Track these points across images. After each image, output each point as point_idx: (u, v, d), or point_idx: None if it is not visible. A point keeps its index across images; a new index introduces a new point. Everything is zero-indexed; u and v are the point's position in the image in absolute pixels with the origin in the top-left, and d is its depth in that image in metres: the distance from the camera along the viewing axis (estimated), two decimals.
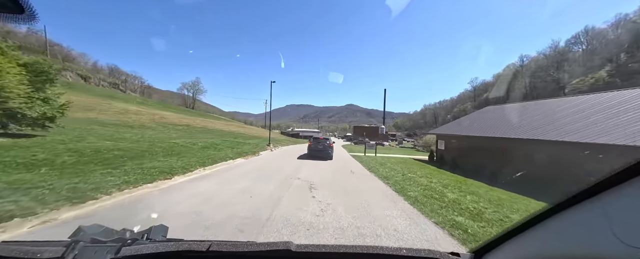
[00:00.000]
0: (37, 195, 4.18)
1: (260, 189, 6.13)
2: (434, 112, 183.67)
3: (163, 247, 0.82)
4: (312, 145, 15.44)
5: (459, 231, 4.12)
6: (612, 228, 0.53)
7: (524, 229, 0.80)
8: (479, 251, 0.98)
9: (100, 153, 8.44)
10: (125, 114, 27.14)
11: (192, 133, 24.33)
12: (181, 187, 6.03)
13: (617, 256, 0.52)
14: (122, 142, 11.46)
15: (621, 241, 0.51)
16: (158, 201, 4.83)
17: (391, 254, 0.88)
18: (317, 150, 15.08)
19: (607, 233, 0.54)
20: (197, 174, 7.74)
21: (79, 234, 0.86)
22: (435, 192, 6.88)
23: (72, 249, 0.75)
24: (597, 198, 0.57)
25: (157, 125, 25.80)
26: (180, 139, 17.03)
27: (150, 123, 25.94)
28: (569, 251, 0.63)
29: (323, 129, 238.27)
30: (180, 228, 3.51)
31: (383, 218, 4.57)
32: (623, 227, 0.52)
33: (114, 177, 5.91)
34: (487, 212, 5.43)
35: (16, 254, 0.75)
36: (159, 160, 8.88)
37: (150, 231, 0.99)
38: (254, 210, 4.51)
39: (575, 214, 0.64)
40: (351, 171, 10.72)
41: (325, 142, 15.41)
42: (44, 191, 4.40)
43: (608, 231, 0.54)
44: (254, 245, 0.87)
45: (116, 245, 0.80)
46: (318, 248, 0.89)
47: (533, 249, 0.76)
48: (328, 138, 16.37)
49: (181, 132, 24.02)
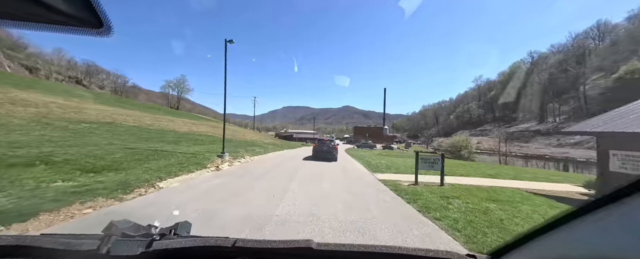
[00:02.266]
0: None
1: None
2: (435, 112, 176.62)
3: (191, 242, 0.85)
4: (317, 147, 15.97)
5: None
6: (638, 230, 0.54)
7: (543, 232, 0.77)
8: (496, 253, 0.96)
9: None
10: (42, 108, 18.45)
11: (119, 135, 15.64)
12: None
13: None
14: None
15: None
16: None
17: (409, 254, 0.89)
18: (322, 151, 15.53)
19: (633, 236, 0.54)
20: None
21: (112, 229, 0.88)
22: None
23: (107, 243, 0.79)
24: (622, 201, 0.57)
25: (68, 123, 17.06)
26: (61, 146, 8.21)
27: (64, 122, 17.23)
28: (595, 254, 0.62)
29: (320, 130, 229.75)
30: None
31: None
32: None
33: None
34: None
35: (56, 246, 0.79)
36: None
37: (177, 227, 1.02)
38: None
39: (600, 218, 0.62)
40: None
41: (329, 144, 15.98)
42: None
43: (634, 233, 0.54)
44: (276, 242, 0.88)
45: (147, 239, 0.84)
46: (338, 246, 0.91)
47: (556, 252, 0.75)
48: (332, 140, 17.06)
49: (105, 133, 15.37)
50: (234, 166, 10.59)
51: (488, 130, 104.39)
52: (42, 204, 4.09)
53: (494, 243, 3.55)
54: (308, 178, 8.40)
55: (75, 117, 18.34)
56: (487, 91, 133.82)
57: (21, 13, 0.59)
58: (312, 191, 6.49)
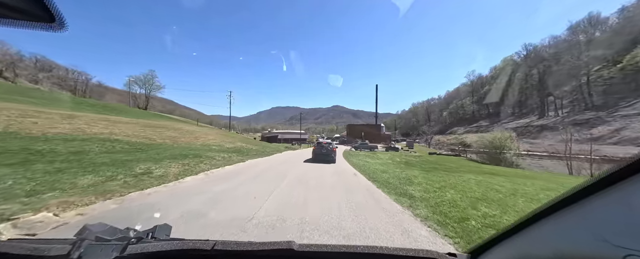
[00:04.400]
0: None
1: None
2: (427, 109, 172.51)
3: (168, 246, 0.82)
4: (316, 149, 16.40)
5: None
6: (600, 228, 0.57)
7: (518, 231, 0.81)
8: (475, 251, 0.99)
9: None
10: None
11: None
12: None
13: (602, 255, 0.55)
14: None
15: (605, 240, 0.54)
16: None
17: (390, 254, 0.89)
18: (322, 154, 15.87)
19: (595, 233, 0.57)
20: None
21: (85, 233, 0.85)
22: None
23: (78, 247, 0.75)
24: (587, 200, 0.60)
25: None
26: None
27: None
28: (559, 251, 0.66)
29: (310, 130, 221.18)
30: None
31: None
32: (609, 227, 0.55)
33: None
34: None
35: (24, 251, 0.75)
36: None
37: (155, 230, 0.98)
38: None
39: (566, 216, 0.66)
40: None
41: (328, 147, 16.36)
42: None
43: (596, 231, 0.57)
44: (257, 244, 0.87)
45: (122, 243, 0.80)
46: (320, 247, 0.89)
47: (525, 250, 0.79)
48: (331, 143, 17.42)
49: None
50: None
51: (484, 126, 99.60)
52: None
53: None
54: None
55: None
56: (479, 87, 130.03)
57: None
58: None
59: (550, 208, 0.67)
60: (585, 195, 0.58)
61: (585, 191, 0.58)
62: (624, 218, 0.52)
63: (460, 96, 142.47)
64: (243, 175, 8.84)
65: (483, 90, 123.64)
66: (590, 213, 0.58)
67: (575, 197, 0.60)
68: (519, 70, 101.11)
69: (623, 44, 70.04)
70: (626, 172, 0.51)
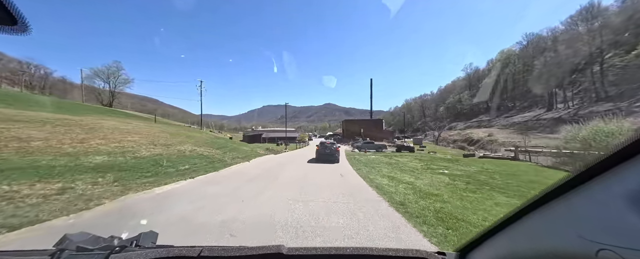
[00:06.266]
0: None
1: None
2: (422, 105, 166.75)
3: (152, 254, 0.80)
4: (320, 150, 16.21)
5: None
6: (576, 224, 0.58)
7: (503, 228, 0.82)
8: (464, 249, 0.98)
9: None
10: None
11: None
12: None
13: (577, 250, 0.57)
14: None
15: (580, 236, 0.56)
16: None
17: (380, 254, 0.88)
18: (325, 154, 15.79)
19: (571, 229, 0.59)
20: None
21: (65, 243, 0.81)
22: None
23: (58, 258, 0.72)
24: (565, 196, 0.61)
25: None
26: None
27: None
28: (538, 247, 0.67)
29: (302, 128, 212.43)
30: None
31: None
32: (584, 223, 0.57)
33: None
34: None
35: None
36: None
37: (139, 238, 0.95)
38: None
39: (544, 213, 0.67)
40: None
41: (332, 146, 16.43)
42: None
43: (571, 227, 0.59)
44: (245, 249, 0.86)
45: (104, 253, 0.77)
46: (308, 250, 0.88)
47: (509, 247, 0.80)
48: (334, 143, 17.64)
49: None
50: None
51: (486, 121, 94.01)
52: None
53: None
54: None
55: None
56: (477, 81, 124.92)
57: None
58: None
59: (532, 204, 0.68)
60: (564, 191, 0.59)
61: (565, 186, 0.59)
62: (598, 214, 0.53)
63: (457, 90, 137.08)
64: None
65: (481, 84, 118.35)
66: (569, 209, 0.59)
67: (556, 193, 0.61)
68: (519, 62, 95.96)
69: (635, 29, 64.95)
70: (598, 169, 0.52)
